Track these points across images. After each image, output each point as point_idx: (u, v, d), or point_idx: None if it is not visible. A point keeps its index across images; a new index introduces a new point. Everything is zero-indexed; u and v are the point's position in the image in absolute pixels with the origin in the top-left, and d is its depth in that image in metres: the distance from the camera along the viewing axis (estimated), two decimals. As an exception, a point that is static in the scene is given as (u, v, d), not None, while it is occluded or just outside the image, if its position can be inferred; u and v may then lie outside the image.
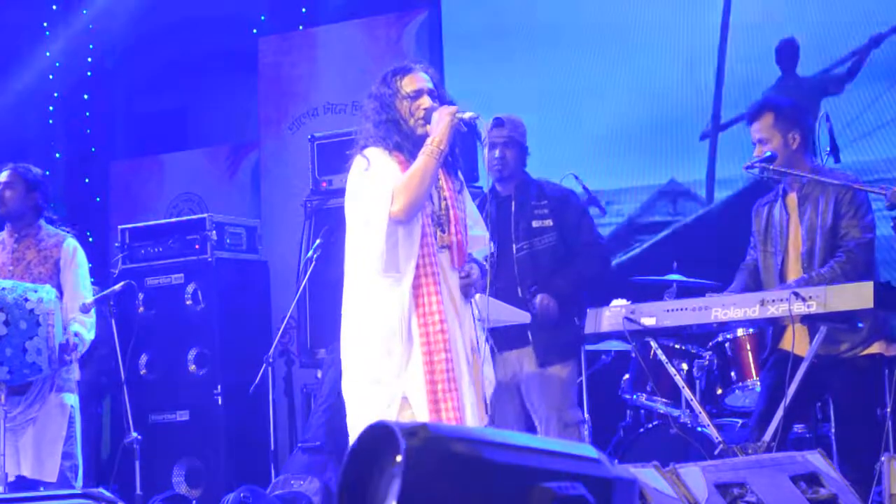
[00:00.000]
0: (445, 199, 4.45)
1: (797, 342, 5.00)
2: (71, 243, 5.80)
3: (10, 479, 5.41)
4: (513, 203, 5.63)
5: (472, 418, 4.32)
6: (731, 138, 7.75)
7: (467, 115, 4.35)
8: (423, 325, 4.30)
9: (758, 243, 5.33)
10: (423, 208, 4.36)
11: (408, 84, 4.44)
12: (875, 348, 5.09)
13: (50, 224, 5.91)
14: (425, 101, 4.42)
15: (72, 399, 5.66)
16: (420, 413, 4.25)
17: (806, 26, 7.64)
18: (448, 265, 4.41)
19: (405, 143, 4.39)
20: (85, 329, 5.62)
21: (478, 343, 4.44)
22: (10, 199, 5.81)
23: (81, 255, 5.82)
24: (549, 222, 5.63)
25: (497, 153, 5.61)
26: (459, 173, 4.58)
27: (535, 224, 5.63)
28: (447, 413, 4.23)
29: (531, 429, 5.62)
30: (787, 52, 7.57)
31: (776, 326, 5.14)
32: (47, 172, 6.13)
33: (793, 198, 5.20)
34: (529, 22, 8.39)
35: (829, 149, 5.27)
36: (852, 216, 5.07)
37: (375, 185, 4.31)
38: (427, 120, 4.39)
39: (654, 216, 7.97)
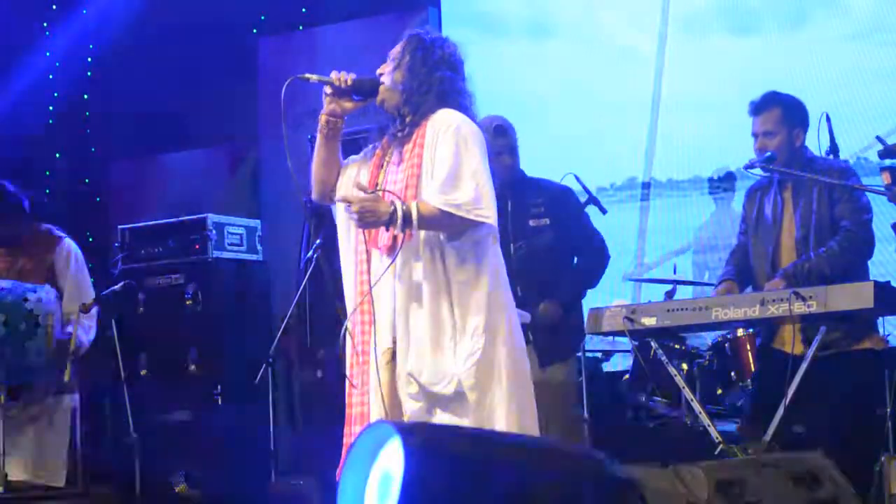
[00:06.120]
0: (376, 183, 4.14)
1: (787, 340, 5.03)
2: (66, 245, 5.70)
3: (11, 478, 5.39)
4: (508, 202, 5.62)
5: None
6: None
7: (314, 77, 4.24)
8: (353, 323, 4.12)
9: (748, 229, 5.35)
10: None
11: None
12: (866, 343, 5.10)
13: (38, 220, 5.75)
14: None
15: (72, 401, 5.65)
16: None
17: (743, 152, 6.75)
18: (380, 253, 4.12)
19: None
20: (83, 331, 5.59)
21: (396, 336, 4.04)
22: (10, 227, 5.69)
23: (79, 255, 5.73)
24: (545, 221, 5.63)
25: (507, 161, 5.61)
26: (421, 134, 4.11)
27: (532, 223, 5.63)
28: (350, 409, 4.10)
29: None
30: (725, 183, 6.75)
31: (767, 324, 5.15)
32: (47, 172, 6.06)
33: (788, 190, 5.23)
34: (530, 21, 8.39)
35: (828, 148, 5.28)
36: (847, 200, 5.10)
37: None
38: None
39: None
